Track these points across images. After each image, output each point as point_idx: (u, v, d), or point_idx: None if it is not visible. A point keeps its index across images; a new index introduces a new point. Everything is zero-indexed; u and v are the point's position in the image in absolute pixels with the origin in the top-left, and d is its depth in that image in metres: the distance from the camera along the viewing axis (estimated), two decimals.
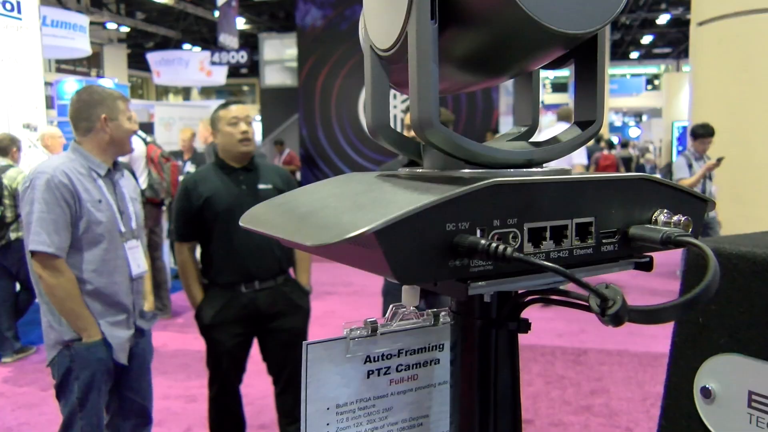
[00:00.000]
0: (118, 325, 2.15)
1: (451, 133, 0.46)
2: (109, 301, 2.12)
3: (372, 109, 0.52)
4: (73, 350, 2.07)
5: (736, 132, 5.50)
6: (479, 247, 0.39)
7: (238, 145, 2.42)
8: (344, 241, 0.38)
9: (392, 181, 0.51)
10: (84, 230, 2.04)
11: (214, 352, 2.52)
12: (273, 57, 13.43)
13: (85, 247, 2.06)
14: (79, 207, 2.03)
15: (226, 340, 2.48)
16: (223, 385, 2.56)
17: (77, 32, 11.22)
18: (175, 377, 3.99)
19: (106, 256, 2.09)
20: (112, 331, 2.12)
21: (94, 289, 2.08)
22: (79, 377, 2.07)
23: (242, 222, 0.53)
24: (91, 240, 2.06)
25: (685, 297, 0.42)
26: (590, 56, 0.52)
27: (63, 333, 2.07)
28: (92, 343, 2.07)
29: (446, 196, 0.40)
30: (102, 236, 2.08)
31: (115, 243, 2.12)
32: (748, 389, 0.99)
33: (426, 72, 0.45)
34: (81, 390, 2.08)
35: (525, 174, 0.48)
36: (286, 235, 0.45)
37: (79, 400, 2.08)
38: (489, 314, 0.52)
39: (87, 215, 2.04)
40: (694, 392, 1.07)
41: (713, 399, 1.04)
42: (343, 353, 0.58)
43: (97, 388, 2.11)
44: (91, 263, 2.07)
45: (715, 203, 0.54)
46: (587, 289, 0.40)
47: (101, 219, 2.07)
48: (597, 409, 3.47)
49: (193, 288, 2.49)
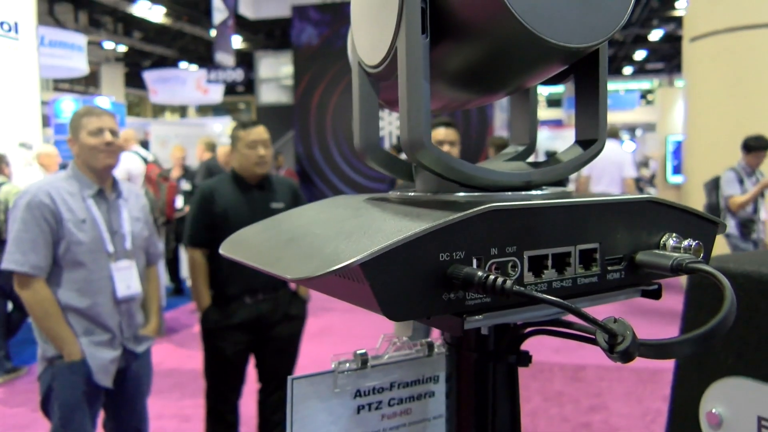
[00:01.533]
0: (102, 345, 2.13)
1: (444, 153, 0.43)
2: (93, 321, 2.12)
3: (360, 129, 0.49)
4: (55, 368, 2.08)
5: (730, 146, 5.50)
6: (475, 280, 0.36)
7: (254, 168, 2.50)
8: (327, 274, 0.35)
9: (381, 206, 0.47)
10: (65, 250, 2.05)
11: (213, 359, 2.56)
12: (269, 75, 13.48)
13: (67, 267, 2.07)
14: (60, 227, 2.04)
15: (228, 347, 2.52)
16: (220, 395, 2.60)
17: (75, 51, 11.24)
18: (169, 396, 3.94)
19: (89, 276, 2.09)
20: (94, 352, 2.11)
21: (76, 308, 2.08)
22: (59, 397, 2.08)
23: (222, 249, 0.49)
24: (71, 260, 2.07)
25: (700, 331, 0.39)
26: (591, 72, 0.49)
27: (46, 350, 2.09)
28: (72, 363, 2.07)
29: (439, 224, 0.37)
30: (83, 257, 2.08)
31: (100, 264, 2.11)
32: (758, 414, 0.96)
33: (417, 89, 0.42)
34: (62, 410, 2.08)
35: (524, 198, 0.45)
36: (265, 265, 0.41)
37: (60, 421, 2.09)
38: (486, 347, 0.49)
39: (68, 236, 2.05)
40: (699, 417, 1.04)
41: (720, 424, 1.01)
42: (331, 388, 0.54)
43: (79, 410, 2.10)
44: (74, 283, 2.08)
45: (726, 226, 0.51)
46: (594, 325, 0.37)
47: (82, 239, 2.07)
48: (596, 425, 3.43)
49: (203, 290, 2.53)
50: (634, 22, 16.23)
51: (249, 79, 15.09)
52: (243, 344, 2.55)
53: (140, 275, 2.26)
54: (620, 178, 6.82)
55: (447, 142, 2.88)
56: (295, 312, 2.64)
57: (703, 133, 5.75)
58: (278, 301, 2.57)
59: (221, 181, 2.59)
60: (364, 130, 0.49)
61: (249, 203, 2.51)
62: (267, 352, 2.62)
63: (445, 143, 2.88)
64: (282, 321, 2.58)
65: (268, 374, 2.67)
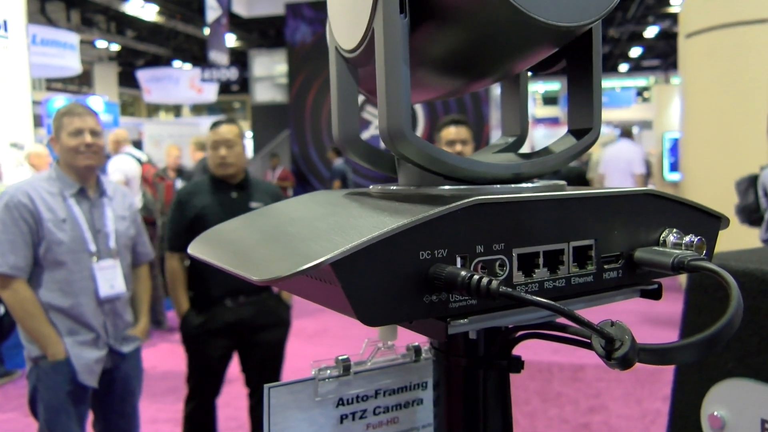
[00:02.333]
0: (86, 345, 2.12)
1: (427, 144, 0.40)
2: (76, 321, 2.11)
3: (339, 119, 0.45)
4: (40, 368, 2.08)
5: (726, 143, 5.48)
6: (459, 281, 0.33)
7: (217, 168, 2.49)
8: (295, 275, 0.32)
9: (360, 201, 0.44)
10: (45, 250, 2.05)
11: (195, 364, 2.54)
12: (263, 74, 13.42)
13: (48, 266, 2.06)
14: (40, 227, 2.04)
15: (209, 351, 2.50)
16: (201, 401, 2.58)
17: (67, 50, 11.17)
18: (164, 400, 3.88)
19: (70, 276, 2.08)
20: (78, 352, 2.10)
21: (59, 308, 2.08)
22: (43, 398, 2.07)
23: (191, 249, 0.46)
24: (52, 260, 2.06)
25: (704, 334, 0.36)
26: (584, 56, 0.45)
27: (31, 350, 2.09)
28: (56, 363, 2.06)
29: (419, 219, 0.34)
30: (64, 256, 2.07)
31: (81, 263, 2.10)
32: (761, 417, 0.93)
33: (396, 74, 0.38)
34: (47, 412, 2.08)
35: (513, 191, 0.42)
36: (233, 266, 0.38)
37: (46, 422, 2.08)
38: (476, 352, 0.46)
39: (48, 236, 2.04)
40: (701, 420, 1.01)
41: (723, 428, 0.97)
42: (312, 397, 0.51)
43: (64, 411, 2.09)
44: (55, 283, 2.07)
45: (729, 220, 0.48)
46: (590, 329, 0.33)
47: (62, 239, 2.06)
48: (596, 426, 3.40)
49: (180, 297, 2.52)
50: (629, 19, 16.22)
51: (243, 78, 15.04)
52: (225, 349, 2.53)
53: (126, 274, 2.24)
54: (631, 175, 6.99)
55: (459, 141, 2.66)
56: (280, 317, 2.60)
57: (701, 130, 5.73)
58: (261, 305, 2.52)
59: (200, 183, 2.59)
60: (342, 120, 0.45)
61: (227, 204, 2.48)
62: (252, 358, 2.59)
63: (457, 142, 2.66)
64: (266, 327, 2.54)
65: (254, 381, 2.65)
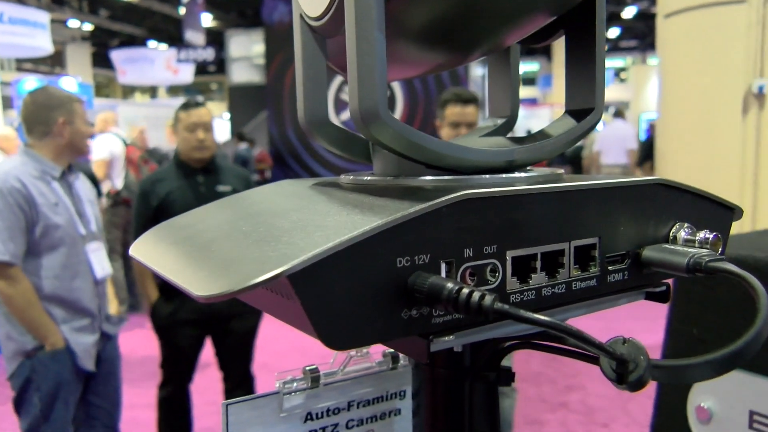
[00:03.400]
0: (83, 330, 2.10)
1: (405, 127, 0.34)
2: (73, 306, 2.07)
3: (305, 98, 0.39)
4: (36, 360, 2.02)
5: (704, 124, 5.48)
6: (444, 295, 0.27)
7: (193, 152, 2.41)
8: (243, 290, 0.26)
9: (328, 194, 0.38)
10: (41, 234, 1.99)
11: (168, 352, 2.53)
12: (240, 54, 13.15)
13: (44, 252, 2.01)
14: (34, 212, 1.98)
15: (181, 340, 2.48)
16: (175, 386, 2.58)
17: (37, 29, 10.81)
18: (142, 385, 3.84)
19: (67, 260, 2.04)
20: (76, 338, 2.08)
21: (55, 295, 2.03)
22: (40, 388, 2.02)
23: (133, 251, 0.40)
24: (49, 244, 2.01)
25: (727, 350, 0.31)
26: (586, 26, 0.39)
27: (25, 343, 2.02)
28: (56, 351, 2.02)
29: (396, 219, 0.28)
30: (61, 240, 2.03)
31: (76, 247, 2.07)
32: (749, 409, 0.90)
33: (369, 44, 0.32)
34: (43, 401, 2.03)
35: (505, 182, 0.36)
36: (174, 275, 0.32)
37: (42, 412, 2.03)
38: (461, 363, 0.40)
39: (43, 219, 1.99)
40: (687, 412, 0.98)
41: (710, 419, 0.94)
42: (276, 412, 0.45)
43: (62, 399, 2.05)
44: (51, 269, 2.02)
45: (743, 211, 0.43)
46: (600, 351, 0.28)
47: (59, 222, 2.02)
48: (574, 405, 3.44)
49: (148, 286, 2.49)
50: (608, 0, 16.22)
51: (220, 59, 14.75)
52: (196, 338, 2.52)
53: None
54: (625, 151, 7.21)
55: (464, 124, 2.27)
56: (250, 307, 2.58)
57: (678, 111, 5.73)
58: None
59: (164, 170, 2.53)
60: (309, 98, 0.39)
61: (192, 189, 2.43)
62: (225, 345, 2.58)
63: (462, 125, 2.27)
64: (238, 315, 2.52)
65: (227, 368, 2.65)
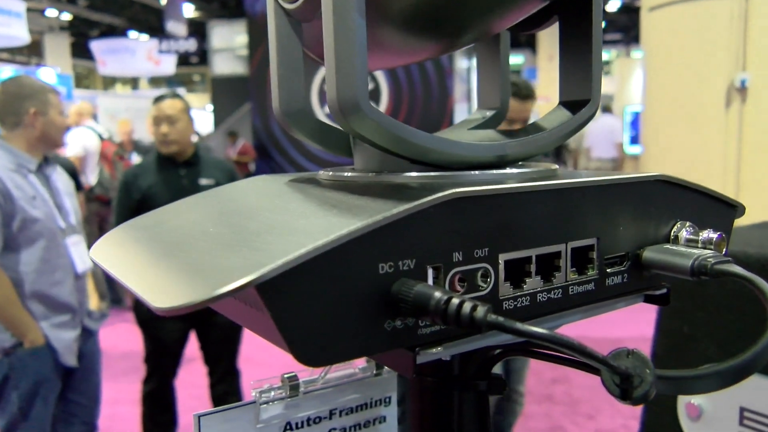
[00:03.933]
0: (63, 326, 2.05)
1: (388, 119, 0.31)
2: (53, 302, 2.02)
3: (279, 87, 0.36)
4: (14, 357, 1.96)
5: (687, 117, 5.51)
6: (432, 306, 0.24)
7: (160, 146, 2.40)
8: (205, 302, 0.23)
9: (305, 192, 0.35)
10: (19, 228, 1.93)
11: (152, 346, 2.52)
12: (223, 45, 13.00)
13: (22, 246, 1.95)
14: (11, 205, 1.92)
15: (165, 334, 2.47)
16: (159, 381, 2.56)
17: (13, 18, 10.56)
18: (124, 380, 3.81)
19: (46, 254, 1.99)
20: (57, 334, 2.03)
21: (34, 291, 1.98)
22: (18, 386, 1.96)
23: (93, 253, 0.37)
24: (27, 239, 1.95)
25: (737, 360, 0.29)
26: (581, 11, 0.37)
27: (2, 341, 1.96)
28: (35, 349, 1.97)
29: (378, 221, 0.25)
30: (40, 234, 1.97)
31: (56, 240, 2.02)
32: (740, 405, 0.89)
33: (348, 28, 0.29)
34: (22, 399, 1.97)
35: (497, 178, 0.33)
36: (132, 283, 0.29)
37: (21, 410, 1.97)
38: (449, 371, 0.38)
39: (21, 213, 1.93)
40: (678, 409, 0.97)
41: (701, 416, 0.94)
42: (253, 423, 0.42)
43: (42, 397, 2.01)
44: (29, 264, 1.96)
45: (745, 208, 0.41)
46: (604, 366, 0.26)
47: (37, 216, 1.96)
48: (559, 397, 3.46)
49: None
50: None
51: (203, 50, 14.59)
52: (180, 332, 2.50)
53: None
54: (613, 144, 7.27)
55: (520, 121, 1.95)
56: None
57: (662, 103, 5.76)
58: None
59: (146, 163, 2.50)
60: (284, 88, 0.36)
61: (174, 183, 2.41)
62: (209, 338, 2.57)
63: (517, 123, 1.94)
64: None
65: (212, 361, 2.64)
